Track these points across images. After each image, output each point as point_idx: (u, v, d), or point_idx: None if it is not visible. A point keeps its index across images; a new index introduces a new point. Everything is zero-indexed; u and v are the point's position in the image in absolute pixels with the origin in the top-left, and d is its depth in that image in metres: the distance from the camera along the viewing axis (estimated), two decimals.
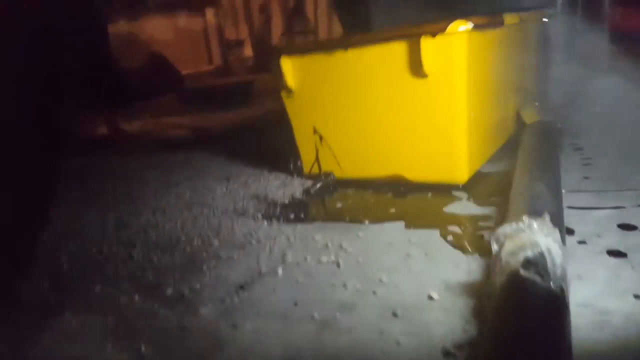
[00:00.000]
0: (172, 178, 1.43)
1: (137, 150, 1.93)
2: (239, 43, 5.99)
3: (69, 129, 0.86)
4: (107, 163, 1.78)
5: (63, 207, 1.09)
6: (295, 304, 0.68)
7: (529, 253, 0.55)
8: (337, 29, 6.13)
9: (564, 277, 0.54)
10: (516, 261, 0.54)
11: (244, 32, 6.22)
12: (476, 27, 0.93)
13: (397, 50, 1.00)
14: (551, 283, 0.51)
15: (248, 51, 6.11)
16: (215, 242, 0.93)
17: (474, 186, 1.05)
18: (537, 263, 0.53)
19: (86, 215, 1.18)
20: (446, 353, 0.54)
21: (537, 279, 0.51)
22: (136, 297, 0.76)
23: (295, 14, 5.90)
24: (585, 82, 1.81)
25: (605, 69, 2.12)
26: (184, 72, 5.18)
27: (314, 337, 0.60)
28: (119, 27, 4.77)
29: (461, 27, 0.91)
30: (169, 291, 0.76)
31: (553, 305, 0.49)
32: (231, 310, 0.69)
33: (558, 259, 0.56)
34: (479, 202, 0.97)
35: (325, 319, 0.63)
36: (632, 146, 1.18)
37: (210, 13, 5.84)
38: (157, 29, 5.02)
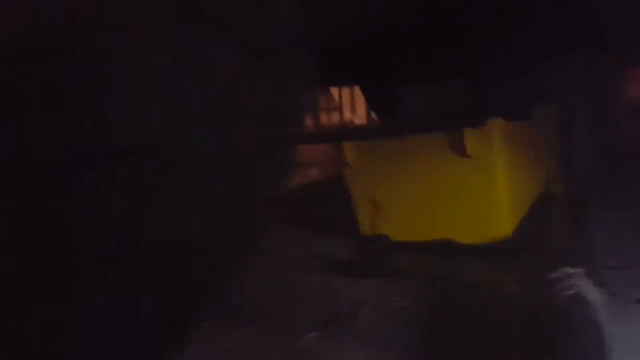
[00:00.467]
0: None
1: None
2: None
3: None
4: None
5: None
6: None
7: (571, 294, 0.72)
8: (360, 105, 6.47)
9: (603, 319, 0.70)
10: (566, 297, 0.71)
11: None
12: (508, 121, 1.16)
13: (447, 138, 1.23)
14: (593, 320, 0.68)
15: None
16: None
17: (515, 248, 1.21)
18: (579, 300, 0.70)
19: None
20: None
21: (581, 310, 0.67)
22: None
23: (320, 92, 6.30)
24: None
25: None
26: None
27: None
28: None
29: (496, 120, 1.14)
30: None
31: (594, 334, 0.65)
32: None
33: (596, 298, 0.72)
34: (519, 264, 1.14)
35: None
36: None
37: None
38: None
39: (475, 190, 1.23)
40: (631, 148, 2.27)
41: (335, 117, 6.74)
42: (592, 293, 0.73)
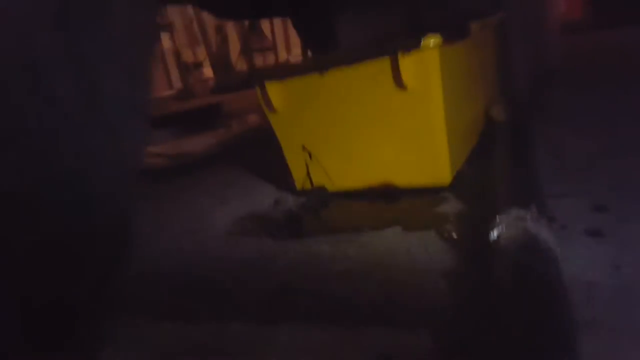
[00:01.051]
0: (165, 207, 1.46)
1: None
2: (198, 65, 6.00)
3: None
4: None
5: None
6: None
7: (523, 240, 0.63)
8: (296, 44, 6.24)
9: (556, 259, 0.62)
10: (515, 248, 0.62)
11: (201, 54, 6.23)
12: (446, 40, 1.01)
13: (377, 68, 1.08)
14: (547, 266, 0.59)
15: (208, 72, 6.14)
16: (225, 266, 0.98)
17: (458, 186, 1.13)
18: (532, 247, 0.61)
19: None
20: None
21: (536, 264, 0.59)
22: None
23: (251, 31, 5.97)
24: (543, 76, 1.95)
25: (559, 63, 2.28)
26: None
27: None
28: None
29: (433, 41, 0.99)
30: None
31: (553, 286, 0.57)
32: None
33: (550, 243, 0.63)
34: (465, 200, 1.05)
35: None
36: (590, 137, 1.30)
37: (165, 37, 5.84)
38: None
39: (412, 127, 1.10)
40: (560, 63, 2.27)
41: (270, 58, 6.49)
42: (549, 237, 0.64)
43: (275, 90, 1.20)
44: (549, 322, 0.51)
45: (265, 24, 6.21)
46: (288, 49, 6.94)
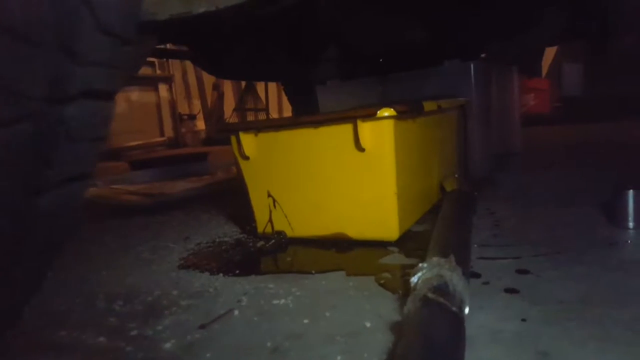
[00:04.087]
0: (131, 240, 1.53)
1: (93, 216, 2.00)
2: (192, 117, 6.23)
3: None
4: None
5: None
6: (251, 336, 0.80)
7: (436, 282, 0.72)
8: (287, 107, 6.52)
9: (462, 300, 0.71)
10: (427, 288, 0.71)
11: (196, 107, 6.48)
12: (400, 113, 1.15)
13: (341, 131, 1.21)
14: (451, 304, 0.68)
15: (201, 125, 6.35)
16: (175, 292, 1.04)
17: (405, 242, 1.23)
18: (441, 289, 0.70)
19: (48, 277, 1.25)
20: None
21: (441, 300, 0.67)
22: (101, 339, 0.85)
23: (247, 92, 6.27)
24: (501, 158, 2.12)
25: (519, 148, 2.48)
26: (136, 142, 5.30)
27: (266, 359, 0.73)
28: None
29: (386, 113, 1.13)
30: (134, 332, 0.86)
31: (452, 320, 0.66)
32: (192, 344, 0.80)
33: (458, 287, 0.73)
34: (408, 254, 1.15)
35: (276, 347, 0.76)
36: (531, 212, 1.43)
37: (163, 89, 6.09)
38: None
39: (367, 186, 1.22)
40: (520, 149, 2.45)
41: (262, 118, 6.74)
42: (458, 283, 0.73)
43: (248, 140, 1.32)
44: (441, 345, 0.59)
45: (260, 86, 6.52)
46: (280, 110, 7.24)
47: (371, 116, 1.14)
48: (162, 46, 2.57)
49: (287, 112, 6.81)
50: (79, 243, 1.58)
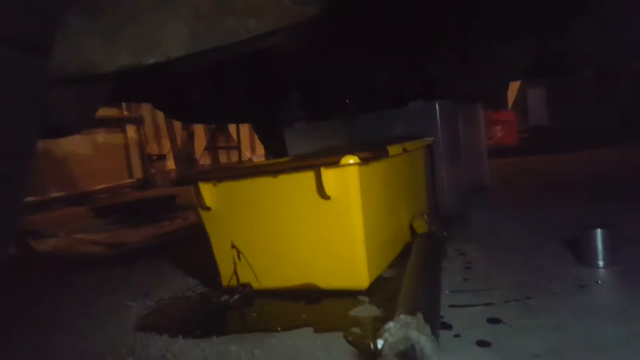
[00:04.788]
0: (87, 297, 1.44)
1: (50, 270, 1.90)
2: (161, 157, 6.13)
3: None
4: (15, 285, 1.73)
5: None
6: None
7: (402, 347, 0.68)
8: (260, 145, 6.51)
9: None
10: (393, 354, 0.66)
11: (166, 147, 6.40)
12: (364, 159, 1.13)
13: (304, 179, 1.17)
14: None
15: (171, 164, 6.25)
16: (130, 359, 0.97)
17: (375, 290, 1.19)
18: (408, 355, 0.66)
19: None
20: None
21: None
22: None
23: (218, 131, 6.24)
24: (470, 194, 2.12)
25: (487, 182, 2.50)
26: (103, 185, 5.17)
27: None
28: None
29: (350, 160, 1.10)
30: None
31: None
32: None
33: (426, 350, 0.69)
34: (378, 305, 1.11)
35: None
36: (501, 252, 1.41)
37: (131, 130, 6.00)
38: (75, 145, 5.05)
39: (334, 234, 1.18)
40: (488, 183, 2.48)
41: (234, 156, 6.70)
42: (426, 345, 0.70)
43: (208, 190, 1.28)
44: None
45: (232, 125, 6.51)
46: (253, 148, 7.22)
47: (335, 164, 1.12)
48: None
49: (260, 149, 6.80)
50: (35, 304, 1.49)
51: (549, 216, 1.79)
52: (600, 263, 1.16)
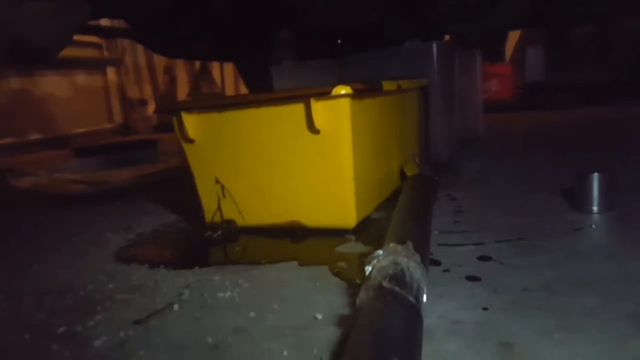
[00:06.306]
0: (68, 231, 1.40)
1: (29, 206, 1.84)
2: (143, 102, 5.94)
3: None
4: None
5: None
6: (190, 332, 0.72)
7: (391, 270, 0.65)
8: (244, 91, 6.36)
9: (419, 289, 0.64)
10: (381, 277, 0.64)
11: (147, 92, 6.19)
12: (357, 91, 1.07)
13: (292, 111, 1.11)
14: (408, 293, 0.61)
15: (152, 110, 6.07)
16: (110, 286, 0.94)
17: (362, 230, 1.17)
18: (397, 278, 0.63)
19: None
20: None
21: (397, 289, 0.61)
22: (26, 336, 0.74)
23: (201, 76, 6.04)
24: (463, 144, 2.09)
25: (481, 134, 2.46)
26: (82, 129, 5.02)
27: (205, 358, 0.64)
28: (10, 84, 4.56)
29: (342, 91, 1.04)
30: (62, 329, 0.76)
31: (408, 310, 0.59)
32: (125, 342, 0.71)
33: (416, 275, 0.66)
34: (365, 242, 1.08)
35: (217, 343, 0.68)
36: (493, 198, 1.39)
37: (111, 72, 5.76)
38: (54, 86, 4.86)
39: (322, 170, 1.13)
40: (481, 134, 2.45)
41: None
42: (415, 270, 0.67)
43: (191, 122, 1.21)
44: (396, 338, 0.52)
45: (216, 70, 6.31)
46: (236, 92, 7.03)
47: (325, 95, 1.06)
48: (108, 24, 2.40)
49: (245, 91, 6.65)
50: (11, 234, 1.44)
51: (544, 166, 1.77)
52: (595, 209, 1.14)
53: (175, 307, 0.81)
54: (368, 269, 0.71)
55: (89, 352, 0.69)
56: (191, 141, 1.23)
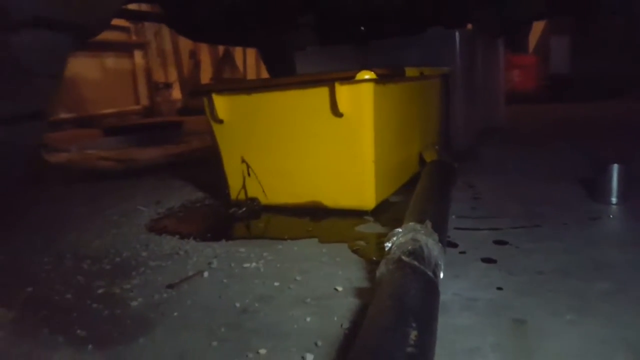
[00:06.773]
0: (100, 204, 1.47)
1: (63, 180, 1.92)
2: (168, 85, 6.03)
3: None
4: (31, 192, 1.76)
5: None
6: (220, 297, 0.77)
7: (410, 247, 0.69)
8: (265, 76, 6.39)
9: (437, 265, 0.68)
10: (401, 252, 0.68)
11: (172, 76, 6.28)
12: (380, 76, 1.11)
13: (317, 94, 1.15)
14: (426, 268, 0.65)
15: (176, 94, 6.17)
16: (144, 254, 1.00)
17: (381, 212, 1.20)
18: (416, 253, 0.67)
19: (14, 237, 1.19)
20: (344, 327, 0.65)
21: (415, 263, 0.65)
22: (68, 296, 0.81)
23: (224, 61, 6.10)
24: (483, 132, 2.10)
25: (502, 124, 2.46)
26: (110, 110, 5.14)
27: (234, 320, 0.70)
28: None
29: (366, 76, 1.08)
30: (100, 291, 0.82)
31: (427, 283, 0.63)
32: (160, 303, 0.76)
33: (434, 252, 0.70)
34: (383, 223, 1.12)
35: (245, 307, 0.73)
36: (512, 186, 1.41)
37: (139, 55, 5.86)
38: (83, 68, 4.96)
39: (344, 152, 1.17)
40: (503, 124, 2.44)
41: None
42: (434, 247, 0.71)
43: (221, 102, 1.26)
44: (414, 307, 0.56)
45: (238, 55, 6.36)
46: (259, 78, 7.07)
47: (350, 79, 1.09)
48: (137, 8, 2.45)
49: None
50: (47, 205, 1.52)
51: (564, 156, 1.77)
52: (614, 200, 1.15)
53: (205, 274, 0.87)
54: (388, 245, 0.75)
55: (127, 311, 0.75)
56: (220, 122, 1.28)
